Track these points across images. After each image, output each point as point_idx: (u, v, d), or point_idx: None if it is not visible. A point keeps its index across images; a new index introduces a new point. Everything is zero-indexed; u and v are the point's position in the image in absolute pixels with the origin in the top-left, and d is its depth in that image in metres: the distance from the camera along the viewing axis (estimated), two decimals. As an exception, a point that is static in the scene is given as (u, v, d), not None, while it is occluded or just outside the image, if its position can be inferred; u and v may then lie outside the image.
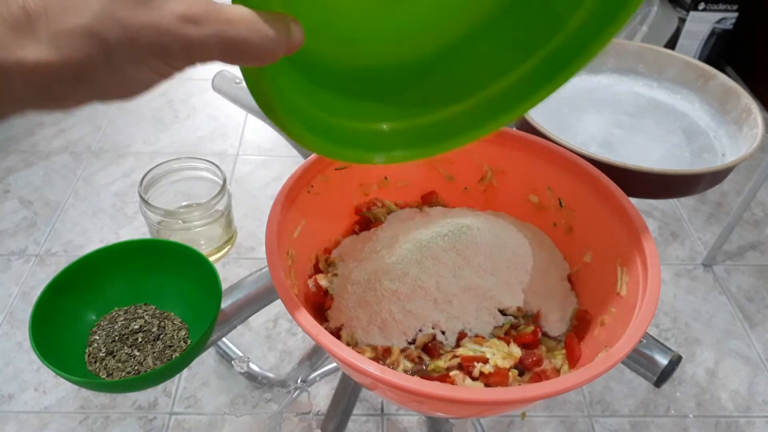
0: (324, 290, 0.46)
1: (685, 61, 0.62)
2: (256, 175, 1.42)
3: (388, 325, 0.43)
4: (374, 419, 0.96)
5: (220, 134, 1.53)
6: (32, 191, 1.35)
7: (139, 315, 0.48)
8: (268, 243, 0.40)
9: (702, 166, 0.56)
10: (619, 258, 0.44)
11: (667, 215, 1.37)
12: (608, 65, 0.66)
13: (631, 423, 0.98)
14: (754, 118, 0.55)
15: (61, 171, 1.41)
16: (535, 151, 0.50)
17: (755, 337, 1.11)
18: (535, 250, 0.48)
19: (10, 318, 1.08)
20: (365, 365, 0.33)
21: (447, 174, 0.54)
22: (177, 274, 0.49)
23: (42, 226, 1.26)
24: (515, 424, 0.98)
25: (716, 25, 1.74)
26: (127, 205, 1.31)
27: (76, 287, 0.47)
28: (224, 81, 0.71)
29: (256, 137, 1.52)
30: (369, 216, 0.52)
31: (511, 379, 0.40)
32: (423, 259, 0.45)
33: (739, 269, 1.25)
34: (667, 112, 0.62)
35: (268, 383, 0.92)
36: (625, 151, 0.57)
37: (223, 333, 0.48)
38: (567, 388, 0.33)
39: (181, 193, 0.57)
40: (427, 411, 0.50)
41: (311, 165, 0.47)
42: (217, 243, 0.56)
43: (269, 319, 1.09)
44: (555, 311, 0.45)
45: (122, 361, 0.46)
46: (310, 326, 0.35)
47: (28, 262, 1.18)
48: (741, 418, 0.99)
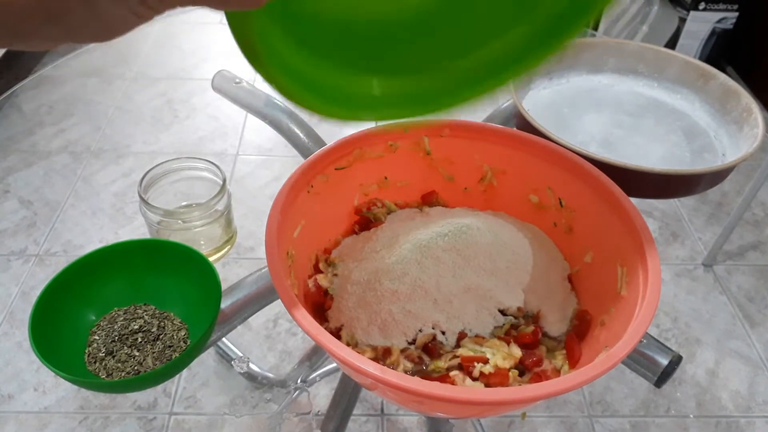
0: (324, 290, 0.46)
1: (685, 60, 0.62)
2: (256, 175, 1.42)
3: (388, 325, 0.43)
4: (374, 419, 0.96)
5: (219, 134, 1.53)
6: (32, 191, 1.35)
7: (139, 315, 0.48)
8: (268, 243, 0.40)
9: (702, 166, 0.56)
10: (619, 258, 0.44)
11: (667, 215, 1.37)
12: (608, 65, 0.66)
13: (632, 423, 0.98)
14: (754, 118, 0.55)
15: (61, 171, 1.41)
16: (535, 151, 0.50)
17: (756, 337, 1.11)
18: (536, 250, 0.48)
19: (10, 318, 1.07)
20: (365, 365, 0.33)
21: (447, 174, 0.54)
22: (177, 274, 0.49)
23: (42, 226, 1.26)
24: (515, 425, 0.97)
25: (717, 25, 1.74)
26: (126, 205, 1.31)
27: (76, 287, 0.47)
28: (224, 81, 0.71)
29: (256, 137, 1.52)
30: (369, 216, 0.52)
31: (512, 380, 0.40)
32: (423, 259, 0.45)
33: (739, 269, 1.25)
34: (668, 112, 0.62)
35: (268, 383, 0.92)
36: (625, 151, 0.57)
37: (222, 333, 0.48)
38: (567, 389, 0.33)
39: (181, 193, 0.57)
40: (427, 411, 0.50)
41: (311, 165, 0.47)
42: (217, 243, 0.56)
43: (269, 319, 1.09)
44: (555, 311, 0.45)
45: (122, 361, 0.45)
46: (310, 326, 0.35)
47: (27, 262, 1.18)
48: (741, 418, 0.99)
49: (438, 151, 0.53)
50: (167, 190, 0.56)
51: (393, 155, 0.52)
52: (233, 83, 0.70)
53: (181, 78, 1.69)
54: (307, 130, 0.66)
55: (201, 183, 0.57)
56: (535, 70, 0.38)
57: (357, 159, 0.50)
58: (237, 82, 0.70)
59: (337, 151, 0.49)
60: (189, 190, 0.57)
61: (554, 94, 0.64)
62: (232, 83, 0.70)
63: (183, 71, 1.70)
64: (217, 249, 0.57)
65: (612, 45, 0.65)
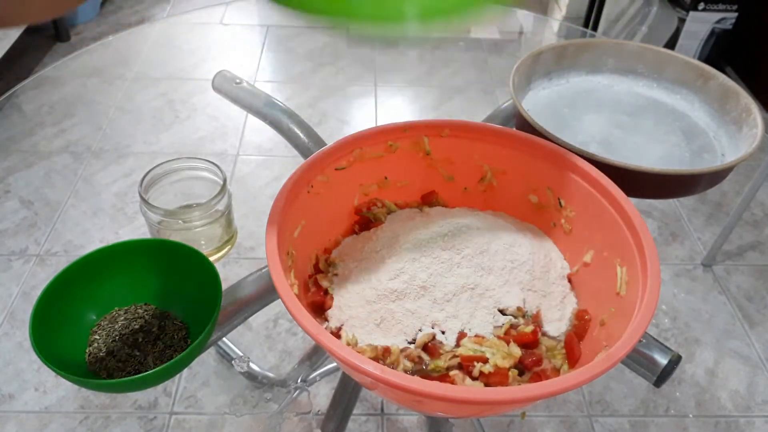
0: (324, 290, 0.46)
1: (684, 61, 0.62)
2: (256, 175, 1.42)
3: (388, 324, 0.43)
4: (374, 419, 0.96)
5: (220, 134, 1.53)
6: (32, 191, 1.35)
7: (140, 315, 0.49)
8: (268, 243, 0.40)
9: (702, 166, 0.56)
10: (618, 258, 0.44)
11: (666, 215, 1.37)
12: (608, 65, 0.66)
13: (631, 423, 0.98)
14: (753, 118, 0.55)
15: (62, 171, 1.41)
16: (535, 151, 0.50)
17: (755, 337, 1.11)
18: (535, 250, 0.48)
19: (11, 318, 1.08)
20: (365, 365, 0.33)
21: (447, 174, 0.54)
22: (177, 274, 0.49)
23: (42, 227, 1.26)
24: (515, 424, 0.98)
25: (716, 25, 1.74)
26: (127, 205, 1.31)
27: (77, 287, 0.47)
28: (224, 81, 0.71)
29: (257, 137, 1.52)
30: (369, 216, 0.52)
31: (511, 379, 0.41)
32: (423, 259, 0.45)
33: (738, 269, 1.25)
34: (667, 112, 0.62)
35: (269, 383, 0.92)
36: (624, 151, 0.57)
37: (223, 333, 0.48)
38: (567, 388, 0.33)
39: (182, 193, 0.57)
40: (427, 411, 0.50)
41: (311, 165, 0.47)
42: (218, 243, 0.56)
43: (269, 319, 1.10)
44: (555, 311, 0.46)
45: (122, 361, 0.46)
46: (310, 326, 0.35)
47: (28, 262, 1.18)
48: (741, 418, 0.99)
49: (438, 151, 0.53)
50: (168, 190, 0.56)
51: (393, 155, 0.52)
52: (233, 83, 0.70)
53: (182, 78, 1.69)
54: (307, 131, 0.66)
55: (201, 183, 0.57)
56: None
57: (357, 159, 0.51)
58: (237, 82, 0.71)
59: (337, 151, 0.49)
60: (189, 190, 0.57)
61: (554, 95, 0.64)
62: (233, 83, 0.71)
63: (183, 71, 1.70)
64: (217, 249, 0.57)
65: (611, 45, 0.65)
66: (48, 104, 1.60)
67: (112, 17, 2.16)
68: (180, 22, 1.96)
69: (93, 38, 2.05)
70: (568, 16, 2.20)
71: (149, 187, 0.55)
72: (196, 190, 0.57)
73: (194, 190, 0.57)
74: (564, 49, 0.64)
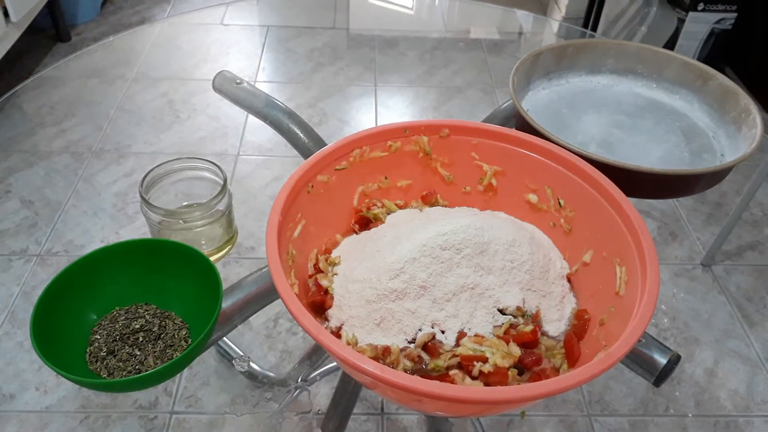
0: (324, 290, 0.47)
1: (684, 61, 0.62)
2: (256, 176, 1.42)
3: (388, 324, 0.43)
4: (374, 418, 0.96)
5: (220, 134, 1.53)
6: (33, 191, 1.35)
7: (140, 314, 0.49)
8: (269, 243, 0.40)
9: (701, 166, 0.56)
10: (618, 258, 0.44)
11: (666, 215, 1.38)
12: (607, 66, 0.66)
13: (631, 422, 0.98)
14: (753, 119, 0.55)
15: (62, 171, 1.41)
16: (534, 151, 0.50)
17: (754, 337, 1.11)
18: (535, 250, 0.48)
19: (11, 318, 1.08)
20: (365, 364, 0.33)
21: (447, 174, 0.54)
22: (178, 273, 0.49)
23: (43, 226, 1.26)
24: (515, 424, 0.98)
25: (715, 26, 1.74)
26: (128, 205, 1.31)
27: (77, 287, 0.47)
28: (225, 81, 0.71)
29: (257, 138, 1.52)
30: (369, 216, 0.52)
31: (511, 379, 0.41)
32: (423, 259, 0.45)
33: (738, 269, 1.25)
34: (666, 113, 0.62)
35: (269, 382, 0.92)
36: (624, 151, 0.57)
37: (223, 332, 0.48)
38: (566, 388, 0.33)
39: (182, 193, 0.57)
40: (426, 410, 0.50)
41: (311, 165, 0.47)
42: (218, 243, 0.57)
43: (269, 319, 1.10)
44: (554, 311, 0.46)
45: (123, 360, 0.46)
46: (310, 326, 0.35)
47: (29, 262, 1.18)
48: (740, 418, 0.99)
49: (438, 151, 0.53)
50: (168, 190, 0.56)
51: (393, 155, 0.52)
52: (234, 84, 0.71)
53: (182, 78, 1.69)
54: (307, 131, 0.66)
55: (202, 183, 0.57)
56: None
57: (357, 159, 0.51)
58: (238, 82, 0.71)
59: (337, 151, 0.49)
60: (190, 190, 0.57)
61: (553, 95, 0.64)
62: (233, 84, 0.71)
63: (184, 72, 1.70)
64: (218, 249, 0.57)
65: (611, 46, 0.65)
66: (49, 104, 1.60)
67: (112, 18, 2.16)
68: (180, 23, 1.97)
69: (93, 38, 2.05)
70: (568, 17, 2.21)
71: (150, 187, 0.55)
72: (196, 190, 0.57)
73: (195, 190, 0.57)
74: (563, 50, 0.64)
